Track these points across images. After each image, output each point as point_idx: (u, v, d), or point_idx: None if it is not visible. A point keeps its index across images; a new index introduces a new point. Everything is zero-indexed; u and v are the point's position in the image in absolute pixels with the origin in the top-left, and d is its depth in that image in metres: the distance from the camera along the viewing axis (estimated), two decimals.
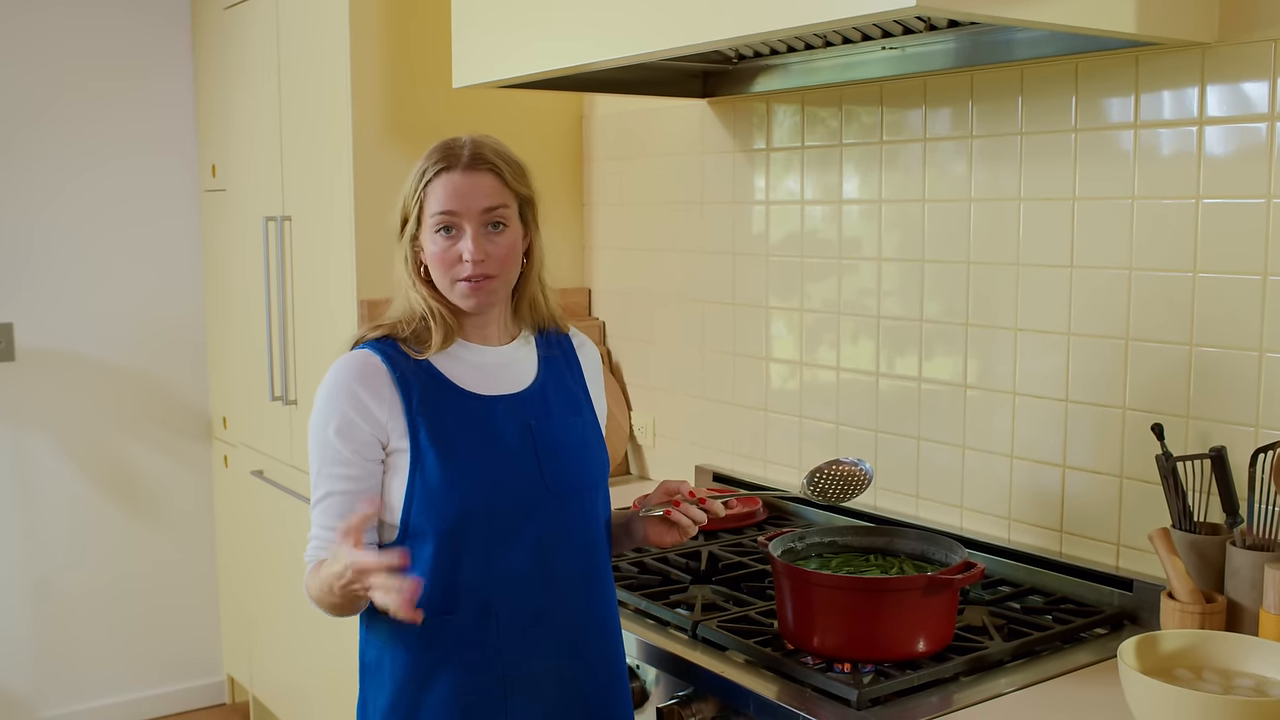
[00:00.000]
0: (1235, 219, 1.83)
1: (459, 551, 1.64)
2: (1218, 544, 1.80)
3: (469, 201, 1.66)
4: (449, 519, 1.63)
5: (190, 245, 4.02)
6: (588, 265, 3.31)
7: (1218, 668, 1.56)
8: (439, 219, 1.67)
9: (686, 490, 1.76)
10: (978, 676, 1.76)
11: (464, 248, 1.66)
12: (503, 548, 1.66)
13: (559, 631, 1.70)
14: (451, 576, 1.64)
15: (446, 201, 1.66)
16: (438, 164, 1.68)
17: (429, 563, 1.63)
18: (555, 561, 1.70)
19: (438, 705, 1.66)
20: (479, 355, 1.73)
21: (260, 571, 3.70)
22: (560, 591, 1.70)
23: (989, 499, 2.25)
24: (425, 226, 1.68)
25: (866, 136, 2.42)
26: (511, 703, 1.67)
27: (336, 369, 1.68)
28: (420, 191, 1.68)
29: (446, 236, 1.66)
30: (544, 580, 1.69)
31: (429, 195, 1.67)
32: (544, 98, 3.16)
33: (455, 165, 1.68)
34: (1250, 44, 1.80)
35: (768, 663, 1.80)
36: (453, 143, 1.71)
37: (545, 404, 1.75)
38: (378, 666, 1.71)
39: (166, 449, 4.03)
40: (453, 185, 1.67)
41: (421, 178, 1.69)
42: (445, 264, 1.67)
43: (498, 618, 1.64)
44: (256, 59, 3.41)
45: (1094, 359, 2.05)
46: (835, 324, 2.52)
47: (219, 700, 4.20)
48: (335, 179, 2.97)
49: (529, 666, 1.67)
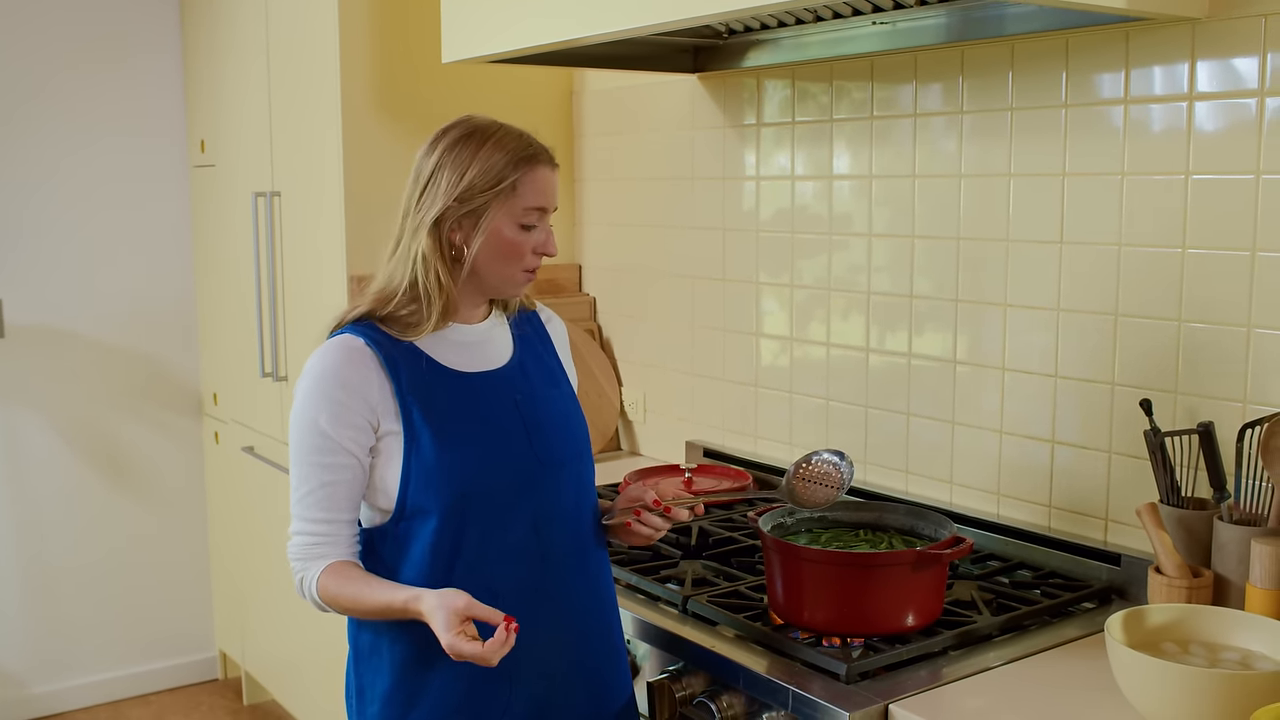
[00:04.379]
0: (1224, 195, 1.84)
1: (459, 531, 1.63)
2: (1205, 519, 1.81)
3: (554, 199, 1.70)
4: (448, 498, 1.62)
5: (180, 221, 4.00)
6: (578, 241, 3.31)
7: (1204, 642, 1.57)
8: (531, 211, 1.67)
9: (650, 499, 1.74)
10: (966, 650, 1.77)
11: (543, 240, 1.69)
12: (501, 524, 1.66)
13: (558, 605, 1.71)
14: (452, 557, 1.64)
15: (543, 196, 1.67)
16: (530, 155, 1.67)
17: (428, 544, 1.63)
18: (551, 535, 1.70)
19: (441, 687, 1.65)
20: (459, 334, 1.72)
21: (251, 547, 3.70)
22: (557, 565, 1.71)
23: (978, 474, 2.25)
24: (505, 213, 1.65)
25: (857, 112, 2.42)
26: (516, 679, 1.67)
27: (319, 357, 1.65)
28: (514, 179, 1.65)
29: (525, 229, 1.67)
30: (541, 555, 1.69)
31: (524, 185, 1.66)
32: (534, 73, 3.14)
33: (544, 161, 1.69)
34: (1240, 19, 1.79)
35: (757, 637, 1.81)
36: (526, 135, 1.70)
37: (526, 378, 1.75)
38: (373, 651, 1.70)
39: (157, 425, 4.02)
40: (546, 180, 1.68)
41: (515, 165, 1.65)
42: (519, 253, 1.68)
43: (499, 595, 1.65)
44: (246, 34, 3.39)
45: (1083, 335, 2.05)
46: (826, 300, 2.52)
47: (211, 676, 4.21)
48: (324, 155, 2.96)
49: (531, 642, 1.66)
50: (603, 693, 1.77)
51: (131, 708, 3.99)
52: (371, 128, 2.90)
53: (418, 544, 1.64)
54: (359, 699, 1.74)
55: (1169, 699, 1.41)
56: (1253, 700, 1.35)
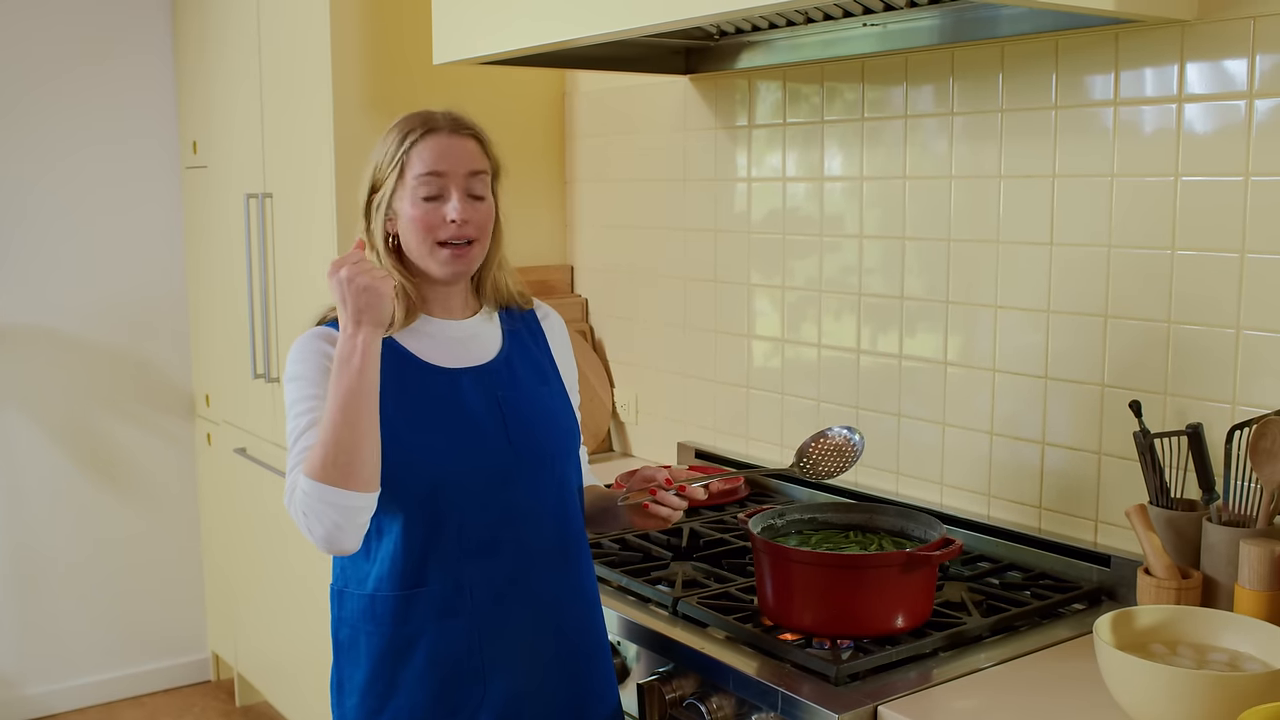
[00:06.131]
0: (1214, 196, 1.84)
1: (430, 523, 1.64)
2: (1194, 520, 1.81)
3: (455, 164, 1.66)
4: (420, 490, 1.62)
5: (171, 222, 4.00)
6: (570, 243, 3.31)
7: (1192, 643, 1.57)
8: (425, 180, 1.64)
9: (664, 478, 1.75)
10: (956, 652, 1.77)
11: (450, 209, 1.64)
12: (474, 518, 1.66)
13: (534, 601, 1.70)
14: (423, 549, 1.64)
15: (434, 162, 1.64)
16: (420, 127, 1.66)
17: (399, 536, 1.63)
18: (527, 531, 1.70)
19: (415, 678, 1.66)
20: (442, 329, 1.72)
21: (244, 549, 3.69)
22: (534, 560, 1.70)
23: (969, 475, 2.25)
24: (405, 190, 1.66)
25: (848, 113, 2.42)
26: (489, 673, 1.67)
27: (305, 339, 1.67)
28: (402, 154, 1.65)
29: (429, 200, 1.65)
30: (516, 549, 1.68)
31: (413, 157, 1.65)
32: (525, 74, 3.14)
33: (440, 128, 1.67)
34: (1229, 21, 1.80)
35: (748, 639, 1.81)
36: (428, 111, 1.69)
37: (512, 374, 1.75)
38: (351, 644, 1.71)
39: (149, 427, 4.02)
40: (440, 146, 1.65)
41: (404, 140, 1.66)
42: (428, 227, 1.65)
43: (470, 589, 1.65)
44: (237, 34, 3.39)
45: (1073, 336, 2.05)
46: (817, 301, 2.53)
47: (204, 677, 4.20)
48: (316, 156, 2.95)
49: (505, 636, 1.67)
50: (585, 689, 1.77)
51: (124, 709, 3.98)
52: (363, 129, 2.89)
53: (388, 538, 1.64)
54: (339, 691, 1.75)
55: (1157, 700, 1.41)
56: (1241, 701, 1.35)
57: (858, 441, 1.84)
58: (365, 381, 1.54)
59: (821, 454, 1.85)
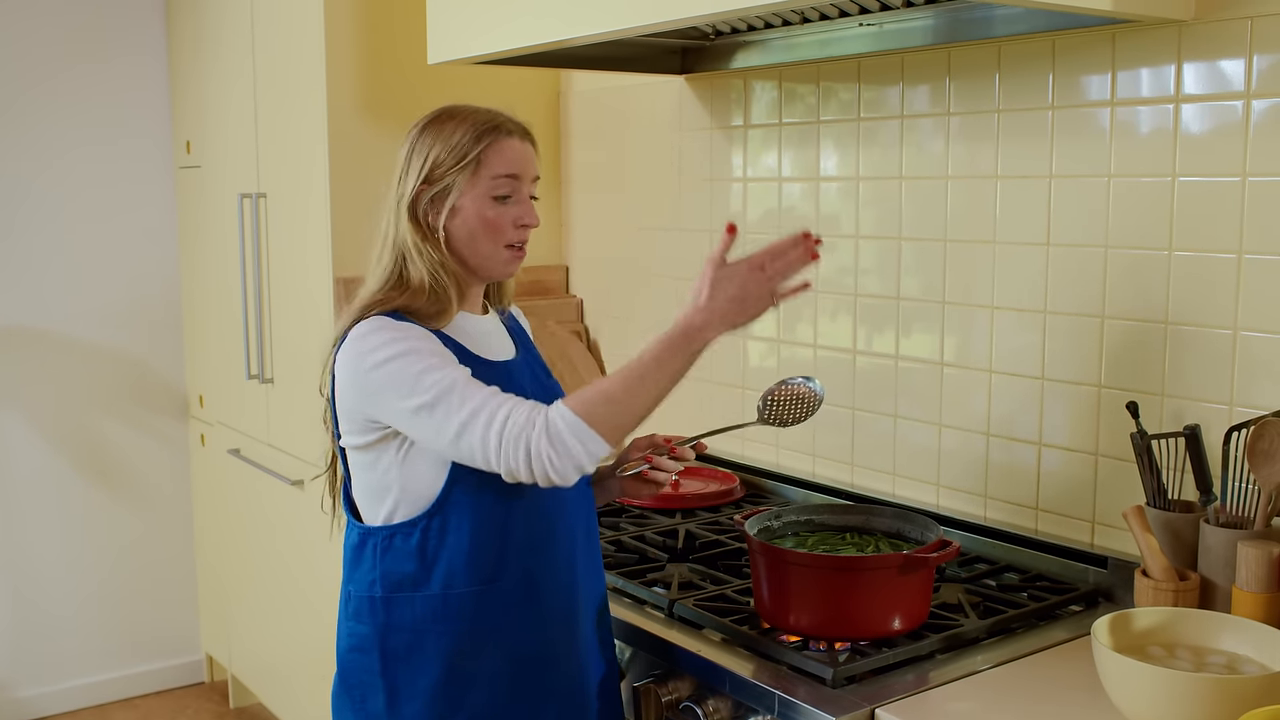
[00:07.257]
0: (1211, 197, 1.83)
1: (505, 515, 1.63)
2: (1191, 521, 1.81)
3: (527, 168, 1.67)
4: (499, 481, 1.56)
5: (165, 222, 3.99)
6: (565, 242, 3.30)
7: (1190, 645, 1.57)
8: (502, 182, 1.64)
9: (660, 439, 1.79)
10: (953, 654, 1.76)
11: (522, 213, 1.66)
12: (537, 507, 1.66)
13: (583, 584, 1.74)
14: (500, 542, 1.64)
15: (512, 165, 1.64)
16: (494, 126, 1.65)
17: (473, 530, 1.62)
18: (570, 516, 1.72)
19: (490, 673, 1.65)
20: (474, 324, 1.72)
21: (238, 550, 3.68)
22: (577, 545, 1.73)
23: (965, 477, 2.25)
24: (476, 189, 1.64)
25: (844, 113, 2.42)
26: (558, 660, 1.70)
27: (385, 322, 1.58)
28: (479, 153, 1.63)
29: (501, 202, 1.64)
30: (566, 536, 1.71)
31: (490, 157, 1.63)
32: (521, 74, 3.13)
33: (513, 132, 1.66)
34: (1227, 21, 1.79)
35: (744, 641, 1.80)
36: (492, 111, 1.68)
37: (531, 369, 1.77)
38: (412, 649, 1.64)
39: (143, 427, 4.00)
40: (515, 150, 1.65)
41: (480, 138, 1.63)
42: (497, 228, 1.65)
43: (538, 577, 1.66)
44: (231, 34, 3.38)
45: (1070, 337, 2.05)
46: (813, 301, 2.52)
47: (198, 679, 4.19)
48: (311, 156, 2.94)
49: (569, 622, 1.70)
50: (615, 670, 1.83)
51: (117, 711, 3.97)
52: (358, 129, 2.89)
53: (459, 534, 1.62)
54: (391, 700, 1.66)
55: (1155, 702, 1.40)
56: (1239, 704, 1.35)
57: (817, 388, 1.84)
58: (683, 371, 1.54)
59: (784, 400, 1.85)
